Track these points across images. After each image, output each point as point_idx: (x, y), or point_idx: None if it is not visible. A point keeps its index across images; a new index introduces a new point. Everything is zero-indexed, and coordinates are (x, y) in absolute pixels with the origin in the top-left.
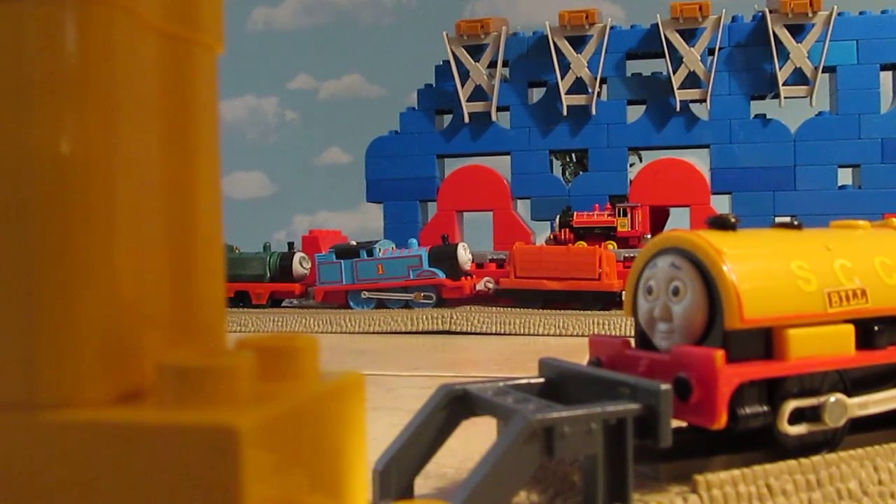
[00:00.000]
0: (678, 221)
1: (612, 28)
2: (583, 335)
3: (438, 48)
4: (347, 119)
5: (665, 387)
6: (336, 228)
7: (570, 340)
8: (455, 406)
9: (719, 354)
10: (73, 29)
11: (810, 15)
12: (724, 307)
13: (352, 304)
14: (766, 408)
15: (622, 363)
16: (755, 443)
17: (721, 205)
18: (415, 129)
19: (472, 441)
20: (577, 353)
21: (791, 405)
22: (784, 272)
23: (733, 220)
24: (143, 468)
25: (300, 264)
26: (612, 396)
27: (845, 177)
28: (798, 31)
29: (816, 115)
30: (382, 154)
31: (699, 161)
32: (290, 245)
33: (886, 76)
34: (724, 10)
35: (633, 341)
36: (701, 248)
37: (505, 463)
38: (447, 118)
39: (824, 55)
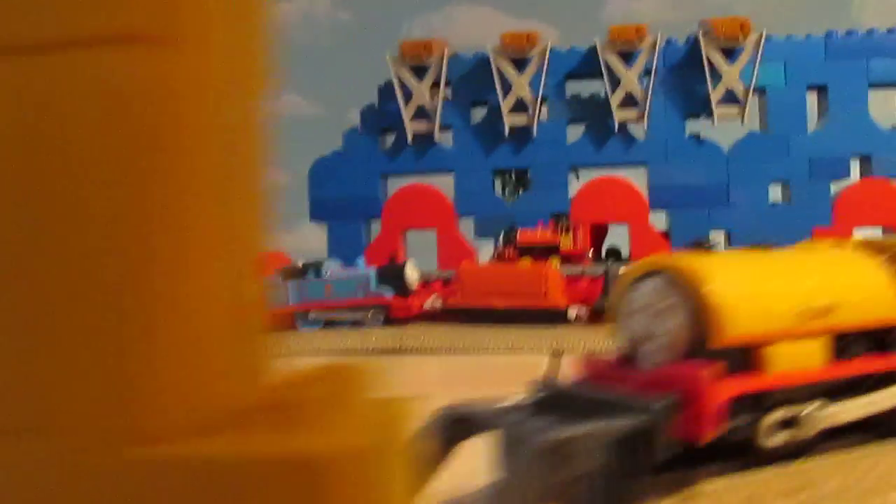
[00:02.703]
0: (614, 238)
1: (551, 50)
2: (533, 351)
3: (377, 68)
4: (285, 139)
5: (664, 403)
6: (275, 250)
7: (523, 357)
8: (455, 427)
9: (708, 371)
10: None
11: (741, 39)
12: (709, 326)
13: (300, 325)
14: (749, 420)
15: (611, 381)
16: (734, 451)
17: (658, 221)
18: (358, 149)
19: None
20: (533, 370)
21: (771, 418)
22: (763, 292)
23: (709, 244)
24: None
25: None
26: (610, 414)
27: (775, 193)
28: (729, 53)
29: (747, 135)
30: (325, 174)
31: (636, 179)
32: None
33: (812, 97)
34: (659, 34)
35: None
36: (684, 272)
37: (520, 480)
38: (390, 138)
39: (755, 77)
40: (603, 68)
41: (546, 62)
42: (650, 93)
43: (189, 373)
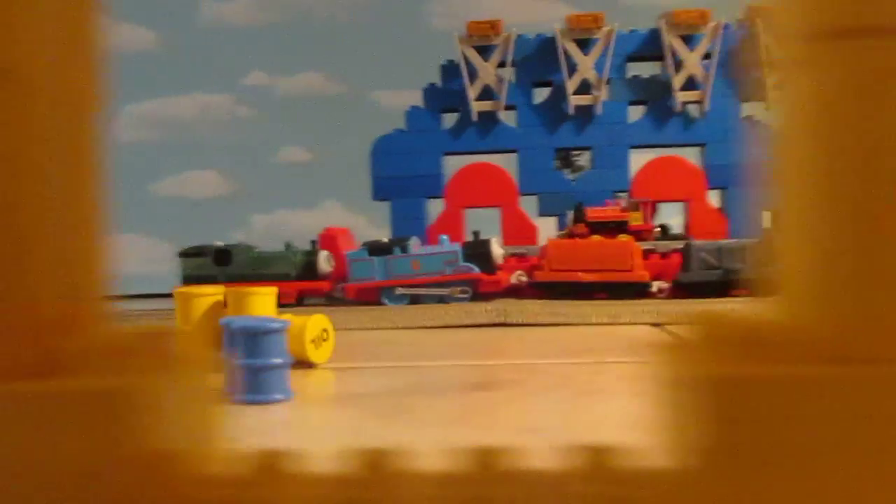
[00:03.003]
0: (669, 214)
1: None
2: (634, 323)
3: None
4: (305, 117)
5: None
6: (343, 226)
7: (625, 329)
8: None
9: None
10: None
11: None
12: None
13: (385, 300)
14: None
15: None
16: None
17: (716, 199)
18: (420, 128)
19: None
20: (637, 340)
21: None
22: None
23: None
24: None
25: (326, 262)
26: None
27: None
28: None
29: None
30: (388, 152)
31: (692, 159)
32: (314, 243)
33: None
34: (720, 20)
35: None
36: None
37: None
38: (452, 117)
39: None
40: (666, 51)
41: (612, 43)
42: (712, 76)
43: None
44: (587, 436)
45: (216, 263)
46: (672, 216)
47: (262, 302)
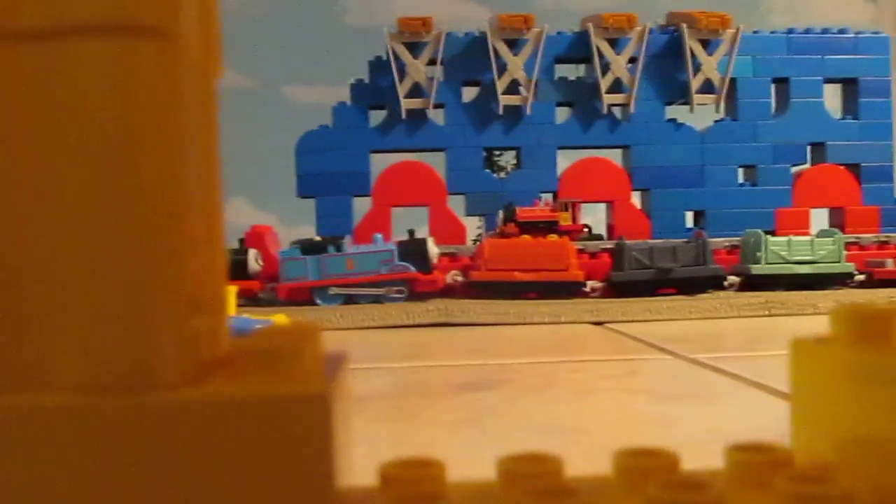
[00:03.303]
0: (590, 214)
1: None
2: (575, 322)
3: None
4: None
5: None
6: (266, 223)
7: (568, 328)
8: None
9: None
10: (150, 67)
11: (721, 32)
12: None
13: (318, 300)
14: None
15: None
16: None
17: (638, 200)
18: (347, 124)
19: None
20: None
21: None
22: None
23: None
24: (247, 439)
25: (255, 261)
26: None
27: (743, 175)
28: (706, 45)
29: (719, 121)
30: (314, 149)
31: (616, 161)
32: (242, 241)
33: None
34: (646, 24)
35: None
36: None
37: None
38: (380, 114)
39: (730, 68)
40: (594, 53)
41: (542, 45)
42: (637, 79)
43: (180, 328)
44: (619, 435)
45: None
46: (591, 216)
47: None
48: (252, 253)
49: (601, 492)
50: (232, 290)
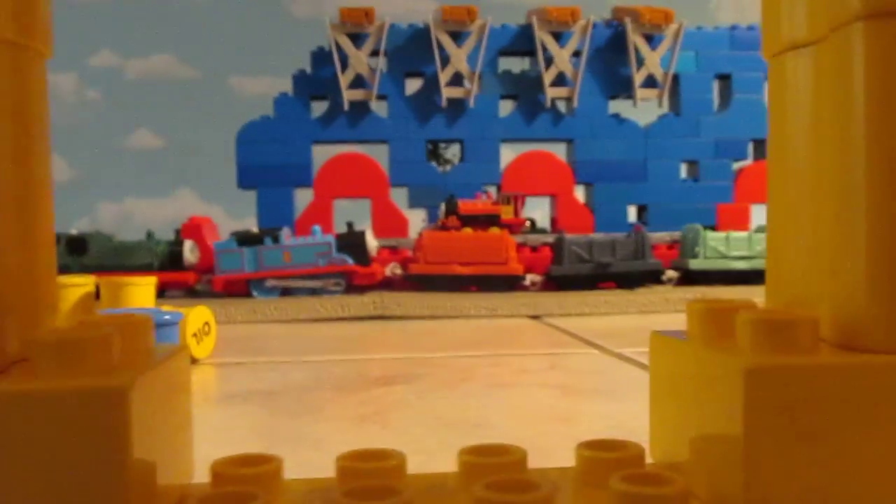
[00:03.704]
0: (534, 208)
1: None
2: (512, 316)
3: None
4: (157, 101)
5: None
6: (209, 215)
7: (504, 321)
8: None
9: None
10: None
11: (664, 27)
12: None
13: (255, 292)
14: None
15: None
16: None
17: (583, 194)
18: (289, 116)
19: None
20: (523, 332)
21: None
22: None
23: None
24: (39, 433)
25: (191, 252)
26: None
27: (685, 171)
28: (649, 40)
29: (662, 116)
30: (255, 139)
31: (561, 154)
32: (178, 233)
33: (715, 84)
34: (590, 17)
35: None
36: None
37: None
38: (322, 105)
39: (673, 63)
40: (538, 46)
41: (485, 37)
42: (581, 72)
43: None
44: (519, 430)
45: (69, 252)
46: (537, 210)
47: (141, 293)
48: (188, 244)
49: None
50: (149, 283)
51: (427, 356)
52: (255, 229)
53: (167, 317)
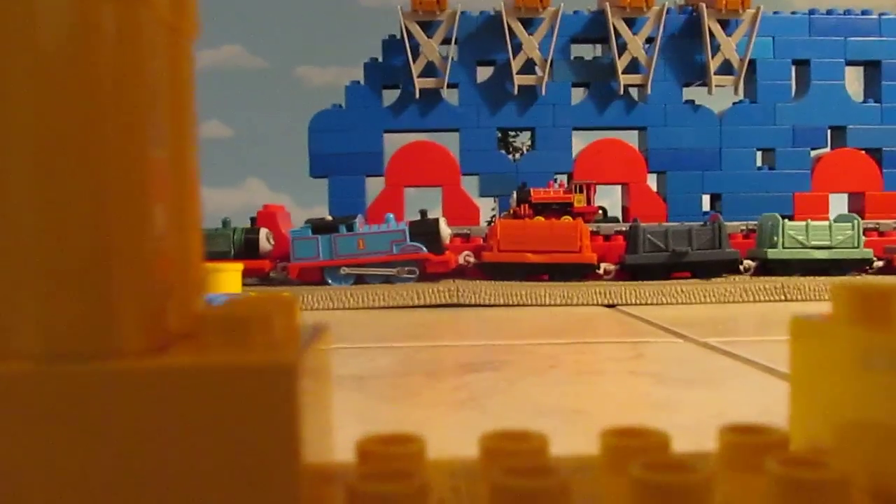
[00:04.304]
0: (604, 196)
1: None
2: (587, 304)
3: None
4: (227, 91)
5: None
6: (279, 204)
7: (579, 310)
8: None
9: None
10: (111, 24)
11: (741, 12)
12: None
13: (329, 280)
14: None
15: None
16: None
17: (655, 183)
18: (360, 104)
19: None
20: (599, 321)
21: None
22: None
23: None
24: (209, 408)
25: (267, 240)
26: None
27: (761, 159)
28: (725, 25)
29: (737, 103)
30: (326, 128)
31: (634, 142)
32: (253, 220)
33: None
34: (665, 3)
35: None
36: None
37: None
38: (393, 94)
39: (750, 49)
40: (611, 33)
41: (558, 24)
42: (655, 59)
43: (147, 297)
44: (620, 417)
45: None
46: (606, 199)
47: (230, 279)
48: (263, 232)
49: (583, 471)
50: (237, 269)
51: (509, 343)
52: (328, 217)
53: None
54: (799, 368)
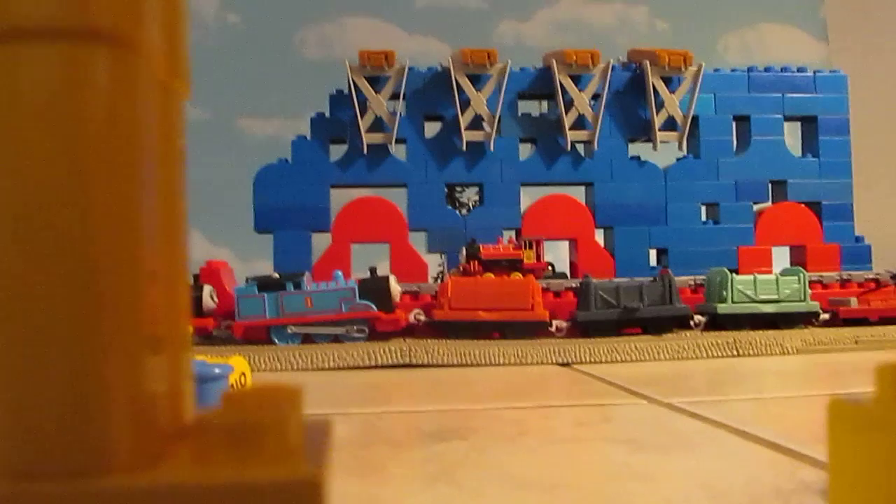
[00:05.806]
0: (554, 251)
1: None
2: (541, 363)
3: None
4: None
5: None
6: (221, 259)
7: (533, 369)
8: None
9: None
10: (104, 77)
11: (683, 69)
12: None
13: (275, 339)
14: None
15: None
16: None
17: (602, 238)
18: (307, 158)
19: None
20: (557, 382)
21: None
22: None
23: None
24: None
25: (210, 297)
26: None
27: (705, 213)
28: (668, 82)
29: (682, 159)
30: (272, 182)
31: (579, 198)
32: (196, 277)
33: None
34: (609, 60)
35: None
36: None
37: None
38: (340, 148)
39: (692, 105)
40: (557, 89)
41: (505, 80)
42: (601, 115)
43: (138, 397)
44: (603, 489)
45: None
46: (552, 253)
47: None
48: (207, 289)
49: None
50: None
51: (472, 408)
52: (274, 274)
53: (217, 370)
54: (840, 457)
